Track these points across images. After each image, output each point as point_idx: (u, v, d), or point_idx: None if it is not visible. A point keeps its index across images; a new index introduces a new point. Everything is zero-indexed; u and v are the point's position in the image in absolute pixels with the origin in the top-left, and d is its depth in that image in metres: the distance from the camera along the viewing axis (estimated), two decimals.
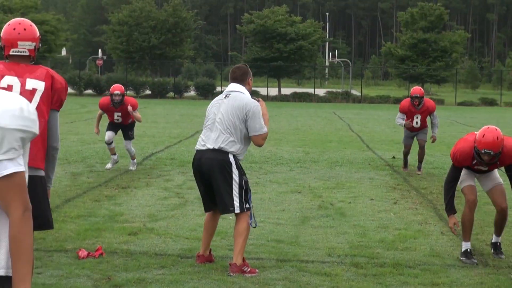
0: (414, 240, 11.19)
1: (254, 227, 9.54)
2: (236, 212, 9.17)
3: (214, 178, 9.13)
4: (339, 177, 18.20)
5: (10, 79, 6.69)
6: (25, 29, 6.83)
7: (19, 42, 6.77)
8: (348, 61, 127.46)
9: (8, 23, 7.00)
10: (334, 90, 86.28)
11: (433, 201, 14.84)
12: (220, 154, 9.13)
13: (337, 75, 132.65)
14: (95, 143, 24.94)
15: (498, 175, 11.53)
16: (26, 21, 7.02)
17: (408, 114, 19.36)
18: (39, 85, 6.71)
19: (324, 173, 18.93)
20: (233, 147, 9.18)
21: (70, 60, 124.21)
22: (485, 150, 10.07)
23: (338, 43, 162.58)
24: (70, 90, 78.07)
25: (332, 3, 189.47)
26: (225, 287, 8.53)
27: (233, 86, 9.46)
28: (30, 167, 6.34)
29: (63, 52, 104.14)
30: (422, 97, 19.22)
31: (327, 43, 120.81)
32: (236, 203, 9.14)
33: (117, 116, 18.19)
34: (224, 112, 9.20)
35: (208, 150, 9.16)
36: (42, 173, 6.76)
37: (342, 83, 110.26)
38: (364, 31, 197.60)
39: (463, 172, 11.10)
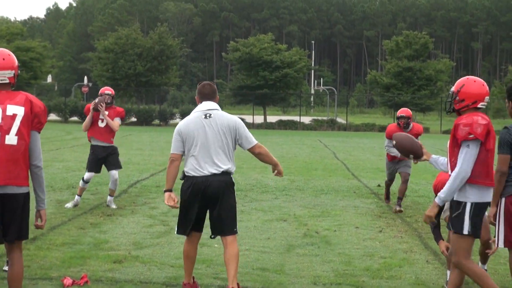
0: (400, 269, 11.18)
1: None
2: (234, 233, 9.19)
3: (222, 200, 9.10)
4: (324, 205, 18.19)
5: None
6: (3, 59, 7.40)
7: None
8: (334, 89, 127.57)
9: None
10: (319, 117, 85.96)
11: (418, 229, 14.83)
12: (225, 176, 9.13)
13: (322, 103, 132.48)
14: (80, 170, 24.86)
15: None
16: (4, 51, 7.58)
17: None
18: (19, 110, 7.26)
19: (309, 201, 18.91)
20: (231, 168, 9.21)
21: (56, 87, 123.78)
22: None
23: (323, 71, 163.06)
24: (55, 117, 77.95)
25: (317, 32, 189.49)
26: None
27: (209, 105, 9.29)
28: (14, 185, 7.25)
29: (49, 79, 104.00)
30: (409, 118, 17.77)
31: (312, 71, 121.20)
32: (236, 224, 9.26)
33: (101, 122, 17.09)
34: (217, 134, 9.11)
35: (213, 174, 9.08)
36: (25, 190, 7.40)
37: (327, 110, 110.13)
38: (349, 59, 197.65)
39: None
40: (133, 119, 77.56)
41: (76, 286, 9.54)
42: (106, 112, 16.78)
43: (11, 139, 7.28)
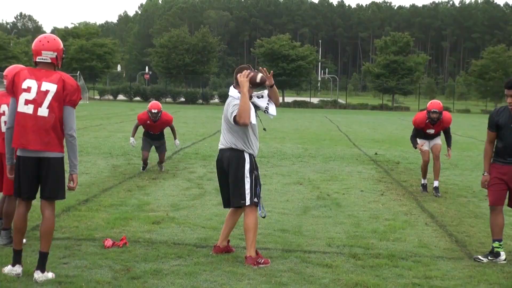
0: (403, 231, 9.53)
1: (264, 217, 7.95)
2: (246, 205, 7.57)
3: (230, 173, 7.63)
4: (333, 171, 16.53)
5: (30, 82, 6.61)
6: (48, 42, 6.75)
7: (42, 52, 6.70)
8: (336, 77, 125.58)
9: (38, 37, 6.88)
10: (325, 99, 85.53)
11: (414, 193, 13.17)
12: (234, 151, 7.63)
13: (327, 88, 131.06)
14: (136, 139, 23.32)
15: (440, 140, 13.61)
16: (50, 36, 6.93)
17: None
18: (52, 87, 6.57)
19: (320, 167, 17.26)
20: (239, 143, 7.61)
21: (124, 75, 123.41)
22: (433, 110, 12.85)
23: (328, 63, 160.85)
24: (122, 97, 77.34)
25: (323, 33, 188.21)
26: (235, 279, 6.92)
27: (229, 91, 7.83)
28: (46, 150, 6.54)
29: (119, 68, 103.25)
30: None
31: (319, 63, 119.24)
32: (247, 197, 7.56)
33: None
34: (224, 115, 7.68)
35: (225, 149, 7.71)
36: (56, 155, 6.64)
37: (331, 93, 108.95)
38: (348, 54, 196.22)
39: (421, 141, 13.38)
40: (182, 99, 77.22)
41: (116, 247, 7.98)
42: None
43: (43, 111, 6.55)
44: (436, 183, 13.23)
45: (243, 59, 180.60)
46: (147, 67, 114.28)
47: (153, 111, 14.89)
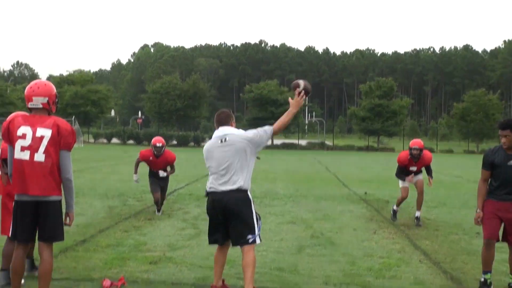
0: (398, 268, 9.31)
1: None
2: (256, 243, 7.45)
3: (238, 215, 7.37)
4: (325, 210, 16.30)
5: (25, 129, 6.52)
6: (38, 87, 6.65)
7: (33, 97, 6.61)
8: (322, 120, 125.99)
9: (30, 84, 6.80)
10: (313, 141, 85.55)
11: (405, 231, 12.95)
12: (240, 193, 7.39)
13: (313, 130, 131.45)
14: (131, 181, 23.11)
15: (422, 176, 14.24)
16: (41, 81, 6.85)
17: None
18: (47, 133, 6.48)
19: (312, 206, 17.04)
20: (244, 185, 7.40)
21: (118, 119, 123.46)
22: (414, 147, 13.54)
23: (314, 107, 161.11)
24: (116, 140, 77.23)
25: (310, 78, 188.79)
26: None
27: (224, 130, 7.63)
28: (43, 195, 6.38)
29: (112, 113, 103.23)
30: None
31: (307, 107, 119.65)
32: (257, 233, 7.45)
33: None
34: (231, 153, 7.43)
35: (230, 191, 7.37)
36: (54, 198, 6.50)
37: (318, 136, 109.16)
38: (334, 98, 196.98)
39: (401, 180, 14.15)
40: (174, 142, 77.15)
41: (114, 287, 7.73)
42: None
43: (39, 157, 6.45)
44: (418, 213, 13.98)
45: (232, 104, 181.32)
46: (139, 112, 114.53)
47: (157, 144, 14.47)
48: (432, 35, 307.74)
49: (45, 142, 6.43)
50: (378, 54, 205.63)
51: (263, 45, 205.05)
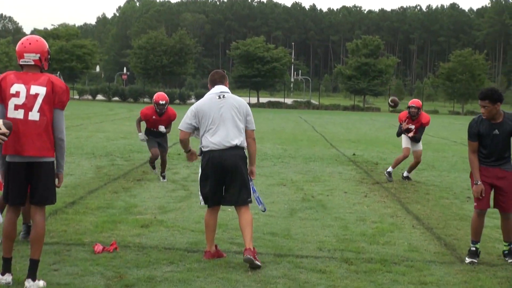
0: (391, 234, 9.24)
1: (264, 211, 8.09)
2: (249, 203, 7.49)
3: (237, 172, 7.37)
4: (314, 172, 16.22)
5: (18, 87, 6.21)
6: (30, 43, 6.33)
7: (25, 54, 6.29)
8: (308, 78, 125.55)
9: (21, 39, 6.48)
10: (298, 99, 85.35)
11: (396, 194, 12.91)
12: (239, 150, 7.42)
13: (299, 89, 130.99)
14: (117, 139, 22.91)
15: (421, 145, 15.00)
16: (33, 37, 6.51)
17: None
18: (41, 90, 6.20)
19: (301, 168, 16.95)
20: (243, 142, 7.47)
21: (103, 75, 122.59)
22: (412, 105, 14.57)
23: (300, 65, 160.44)
24: (101, 97, 76.60)
25: (296, 36, 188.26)
26: (229, 285, 6.58)
27: (221, 88, 7.65)
28: (38, 155, 6.16)
29: (97, 69, 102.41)
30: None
31: (292, 64, 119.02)
32: (250, 195, 7.52)
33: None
34: (229, 112, 7.44)
35: (229, 148, 7.35)
36: (47, 159, 6.27)
37: (303, 94, 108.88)
38: (319, 56, 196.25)
39: (404, 138, 14.93)
40: None
41: (106, 252, 7.60)
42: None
43: (34, 115, 6.17)
44: (406, 174, 15.19)
45: (218, 61, 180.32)
46: (125, 68, 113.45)
47: (160, 102, 13.29)
48: None
49: (39, 100, 6.18)
50: (365, 12, 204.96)
51: (249, 0, 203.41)
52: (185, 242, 8.30)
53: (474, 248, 7.99)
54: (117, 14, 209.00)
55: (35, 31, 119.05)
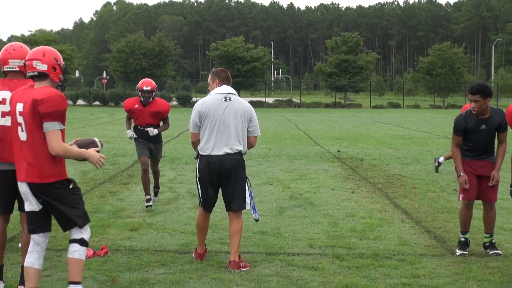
0: (381, 229, 9.28)
1: (257, 221, 7.78)
2: (246, 209, 7.39)
3: (233, 178, 7.23)
4: (300, 169, 16.24)
5: (4, 93, 6.19)
6: (14, 50, 6.33)
7: (9, 60, 6.30)
8: (289, 76, 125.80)
9: (4, 46, 6.45)
10: (280, 98, 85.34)
11: (383, 189, 12.95)
12: (237, 156, 7.25)
13: (280, 88, 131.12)
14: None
15: None
16: (17, 44, 6.48)
17: None
18: None
19: (287, 166, 16.96)
20: (244, 148, 7.34)
21: (82, 80, 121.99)
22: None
23: (280, 64, 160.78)
24: (82, 102, 76.26)
25: (275, 35, 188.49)
26: (223, 285, 6.58)
27: (229, 89, 7.37)
28: None
29: (77, 74, 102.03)
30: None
31: (272, 64, 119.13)
32: (247, 201, 7.36)
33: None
34: (233, 116, 7.21)
35: (227, 153, 7.18)
36: None
37: (284, 93, 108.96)
38: (299, 55, 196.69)
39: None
40: None
41: (97, 256, 7.58)
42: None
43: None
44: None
45: (198, 62, 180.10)
46: (104, 72, 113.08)
47: (144, 88, 11.13)
48: None
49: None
50: (343, 9, 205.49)
51: (227, 1, 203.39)
52: (176, 244, 8.29)
53: (463, 239, 8.05)
54: (94, 18, 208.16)
55: (12, 38, 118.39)
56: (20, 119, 5.54)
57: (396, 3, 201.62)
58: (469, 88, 8.02)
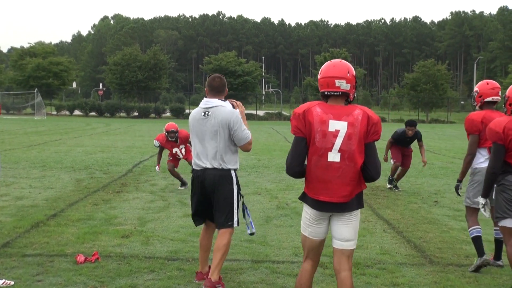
0: (364, 238, 9.29)
1: (251, 235, 7.02)
2: (234, 226, 6.74)
3: (217, 193, 6.59)
4: (288, 180, 16.25)
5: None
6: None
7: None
8: (279, 90, 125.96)
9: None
10: (270, 111, 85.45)
11: (367, 200, 12.98)
12: (221, 171, 6.61)
13: (270, 101, 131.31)
14: (95, 153, 22.75)
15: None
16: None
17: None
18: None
19: (275, 177, 16.99)
20: (225, 164, 6.63)
21: (79, 91, 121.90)
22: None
23: (271, 78, 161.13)
24: (78, 112, 76.08)
25: (266, 50, 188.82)
26: None
27: (210, 102, 6.72)
28: None
29: (74, 85, 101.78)
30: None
31: (263, 78, 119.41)
32: (235, 218, 6.69)
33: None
34: (211, 131, 6.61)
35: (209, 168, 6.62)
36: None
37: (274, 106, 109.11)
38: (289, 69, 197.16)
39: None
40: (136, 113, 76.22)
41: (88, 262, 7.55)
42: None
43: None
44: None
45: (191, 75, 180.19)
46: (101, 84, 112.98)
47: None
48: (383, 7, 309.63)
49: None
50: (332, 26, 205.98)
51: (220, 16, 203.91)
52: (165, 251, 8.26)
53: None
54: (92, 32, 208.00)
55: (12, 49, 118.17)
56: None
57: (383, 21, 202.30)
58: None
